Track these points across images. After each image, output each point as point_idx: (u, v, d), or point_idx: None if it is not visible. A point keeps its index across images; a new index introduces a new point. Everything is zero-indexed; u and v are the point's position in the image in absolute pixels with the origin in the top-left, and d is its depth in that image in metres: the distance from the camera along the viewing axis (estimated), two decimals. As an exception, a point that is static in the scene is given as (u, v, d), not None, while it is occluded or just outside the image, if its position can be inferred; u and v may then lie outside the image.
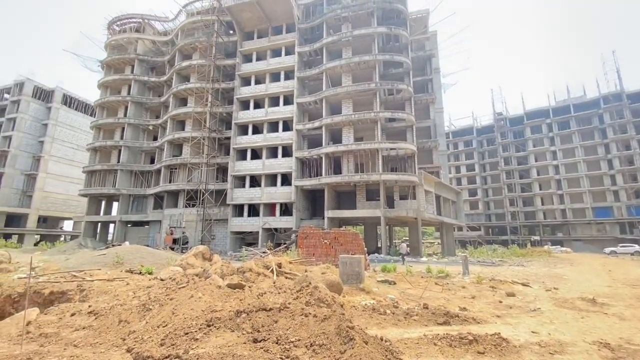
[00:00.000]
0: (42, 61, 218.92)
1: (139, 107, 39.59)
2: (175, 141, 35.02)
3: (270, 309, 4.54)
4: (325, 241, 15.29)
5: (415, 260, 22.39)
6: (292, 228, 27.92)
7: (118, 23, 42.18)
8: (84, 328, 4.87)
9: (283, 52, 33.18)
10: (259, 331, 3.98)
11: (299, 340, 3.84)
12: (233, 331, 3.99)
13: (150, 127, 39.06)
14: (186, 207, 32.12)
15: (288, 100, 32.02)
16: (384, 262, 17.97)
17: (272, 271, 9.34)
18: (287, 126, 31.62)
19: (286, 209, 30.67)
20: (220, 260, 11.34)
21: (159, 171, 35.77)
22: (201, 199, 31.00)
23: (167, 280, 7.10)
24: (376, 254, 24.70)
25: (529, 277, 13.87)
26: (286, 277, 9.20)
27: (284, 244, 24.15)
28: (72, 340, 4.40)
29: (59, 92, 52.10)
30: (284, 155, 30.75)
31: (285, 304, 4.72)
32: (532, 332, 5.63)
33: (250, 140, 32.12)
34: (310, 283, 5.92)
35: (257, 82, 33.70)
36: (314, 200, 33.32)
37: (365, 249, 15.35)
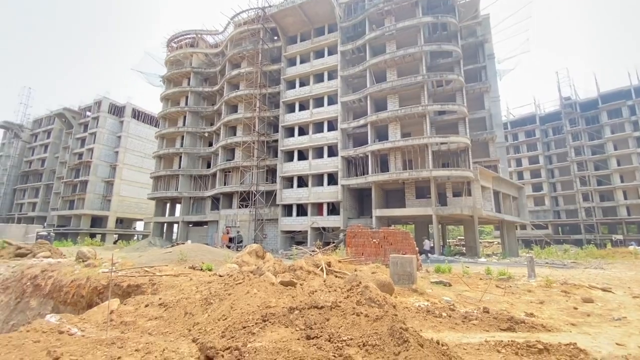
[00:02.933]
0: (115, 80, 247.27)
1: (196, 116, 42.81)
2: (228, 146, 37.18)
3: (322, 307, 4.60)
4: (374, 240, 15.07)
5: (473, 261, 21.01)
6: (339, 227, 27.99)
7: (175, 40, 46.03)
8: (155, 318, 5.40)
9: (326, 53, 33.42)
10: (311, 328, 4.05)
11: (351, 339, 3.83)
12: (287, 327, 4.12)
13: (206, 134, 42.02)
14: (240, 207, 33.92)
15: (332, 100, 32.17)
16: (437, 262, 17.17)
17: (321, 270, 9.46)
18: (332, 126, 31.78)
19: (333, 209, 30.83)
20: (272, 258, 11.78)
21: (214, 175, 38.28)
22: (253, 199, 32.52)
23: (225, 276, 7.56)
24: (429, 254, 23.70)
25: (610, 281, 12.21)
26: (336, 276, 9.25)
27: (332, 242, 24.30)
28: (146, 328, 4.90)
29: (129, 107, 58.36)
30: (329, 155, 30.96)
31: (336, 303, 4.74)
32: (617, 344, 4.94)
33: (296, 141, 32.89)
34: (360, 282, 5.88)
35: (302, 84, 34.38)
36: (361, 199, 33.03)
37: (417, 248, 14.81)
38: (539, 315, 6.74)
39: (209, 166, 41.57)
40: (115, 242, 46.99)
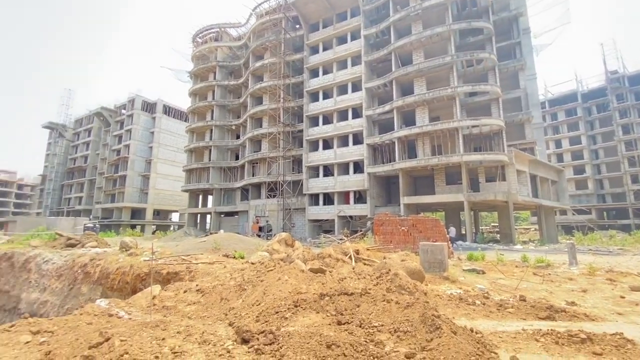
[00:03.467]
0: (147, 77, 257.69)
1: (223, 110, 43.83)
2: (254, 138, 37.84)
3: (352, 294, 4.64)
4: (402, 228, 14.88)
5: (507, 248, 20.20)
6: (366, 215, 27.87)
7: (200, 35, 46.98)
8: (194, 303, 5.71)
9: (349, 38, 32.71)
10: (342, 314, 4.11)
11: (382, 325, 3.85)
12: (318, 312, 4.21)
13: (233, 127, 42.98)
14: (268, 197, 34.67)
15: (356, 87, 31.62)
16: (469, 250, 16.68)
17: (350, 257, 9.51)
18: (356, 113, 31.33)
19: (360, 197, 30.69)
20: (301, 246, 12.00)
21: (243, 166, 39.23)
22: (280, 190, 33.09)
23: (257, 264, 7.82)
24: (460, 242, 23.05)
25: (663, 269, 11.29)
26: (364, 264, 9.27)
27: (360, 231, 24.28)
28: (186, 313, 5.20)
29: (160, 103, 60.74)
30: (354, 143, 30.64)
31: (366, 290, 4.77)
32: (672, 335, 4.59)
33: (321, 130, 32.80)
34: (390, 270, 5.85)
35: (325, 72, 34.00)
36: (388, 187, 32.56)
37: (448, 235, 14.46)
38: (581, 304, 6.40)
39: (237, 158, 42.65)
40: (153, 233, 49.88)
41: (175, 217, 64.26)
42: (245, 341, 3.39)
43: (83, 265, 13.37)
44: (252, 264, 8.74)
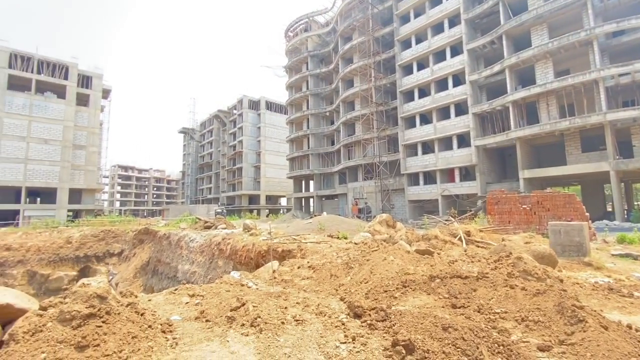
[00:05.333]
0: (251, 78, 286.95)
1: (317, 98, 45.55)
2: (348, 122, 38.21)
3: (466, 277, 4.31)
4: (523, 206, 12.93)
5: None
6: (476, 194, 25.17)
7: (291, 30, 49.34)
8: (307, 278, 6.25)
9: (444, -2, 29.28)
10: (456, 297, 3.87)
11: (505, 312, 3.47)
12: (429, 294, 4.07)
13: (327, 114, 44.33)
14: (365, 180, 34.84)
15: (456, 51, 28.27)
16: (619, 230, 13.42)
17: (459, 239, 8.82)
18: (457, 80, 28.16)
19: (467, 173, 27.87)
20: (403, 227, 11.72)
21: (339, 151, 40.30)
22: (376, 171, 32.77)
23: (360, 244, 8.00)
24: (605, 221, 18.70)
25: None
26: (477, 246, 8.46)
27: (470, 211, 22.16)
28: (301, 286, 5.74)
29: (263, 100, 66.98)
30: (457, 114, 27.72)
31: (483, 273, 4.35)
32: None
33: (417, 105, 30.77)
34: (510, 253, 5.19)
35: (418, 40, 31.43)
36: (501, 161, 28.65)
37: (587, 214, 11.91)
38: None
39: (333, 143, 44.03)
40: (267, 216, 56.34)
41: (283, 201, 70.98)
42: (357, 316, 3.55)
43: (217, 244, 16.13)
44: (356, 244, 8.99)
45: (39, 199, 40.46)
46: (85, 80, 44.91)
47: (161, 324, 3.19)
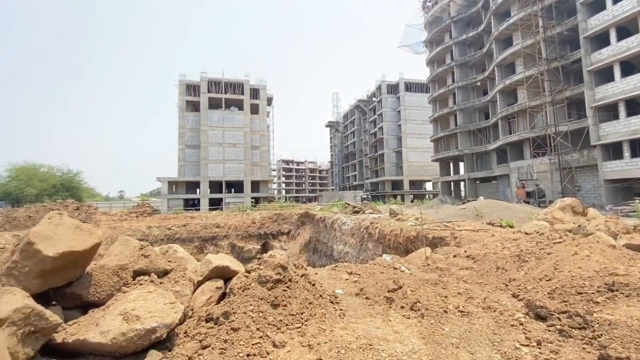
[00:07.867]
0: (388, 62, 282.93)
1: (464, 68, 40.40)
2: (506, 89, 32.19)
3: None
4: None
5: None
6: None
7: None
8: (466, 268, 5.71)
9: None
10: None
11: None
12: (657, 305, 2.96)
13: (478, 84, 38.69)
14: (534, 157, 28.66)
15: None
16: None
17: None
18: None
19: None
20: (599, 215, 9.04)
21: (495, 125, 34.68)
22: (551, 145, 26.32)
23: (534, 234, 6.67)
24: None
25: None
26: None
27: None
28: (460, 276, 5.29)
29: (401, 82, 64.82)
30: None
31: None
32: None
33: (614, 50, 22.63)
34: None
35: (615, -39, 22.85)
36: None
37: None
38: None
39: (487, 117, 38.21)
40: (412, 201, 54.85)
41: (428, 186, 67.43)
42: (540, 317, 2.96)
43: (366, 227, 16.91)
44: (527, 234, 7.56)
45: (233, 189, 53.14)
46: (254, 92, 55.31)
47: (329, 295, 3.60)
